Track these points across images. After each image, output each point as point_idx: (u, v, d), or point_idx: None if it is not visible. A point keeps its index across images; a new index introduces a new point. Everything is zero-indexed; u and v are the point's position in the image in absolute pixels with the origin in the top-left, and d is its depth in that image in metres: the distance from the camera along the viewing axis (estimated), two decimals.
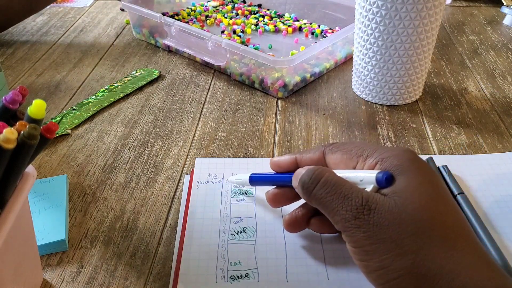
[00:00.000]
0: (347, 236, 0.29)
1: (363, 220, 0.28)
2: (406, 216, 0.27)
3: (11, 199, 0.27)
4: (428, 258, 0.26)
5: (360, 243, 0.28)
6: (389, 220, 0.27)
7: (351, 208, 0.29)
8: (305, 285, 0.34)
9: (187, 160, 0.48)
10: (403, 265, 0.27)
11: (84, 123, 0.54)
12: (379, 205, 0.28)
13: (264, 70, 0.58)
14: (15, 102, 0.27)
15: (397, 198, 0.28)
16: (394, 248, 0.27)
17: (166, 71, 0.65)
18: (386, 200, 0.28)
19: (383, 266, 0.27)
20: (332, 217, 0.30)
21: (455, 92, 0.59)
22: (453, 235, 0.27)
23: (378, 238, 0.27)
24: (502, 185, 0.43)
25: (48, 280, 0.35)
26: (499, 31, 0.76)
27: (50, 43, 0.74)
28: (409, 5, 0.49)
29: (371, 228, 0.28)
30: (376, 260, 0.28)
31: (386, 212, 0.28)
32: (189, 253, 0.37)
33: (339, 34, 0.61)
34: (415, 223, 0.27)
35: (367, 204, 0.28)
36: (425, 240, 0.27)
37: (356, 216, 0.28)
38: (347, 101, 0.58)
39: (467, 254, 0.27)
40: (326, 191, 0.30)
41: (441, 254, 0.26)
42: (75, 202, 0.43)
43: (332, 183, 0.30)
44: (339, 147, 0.34)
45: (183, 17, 0.78)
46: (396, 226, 0.27)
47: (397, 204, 0.28)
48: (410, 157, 0.30)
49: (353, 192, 0.29)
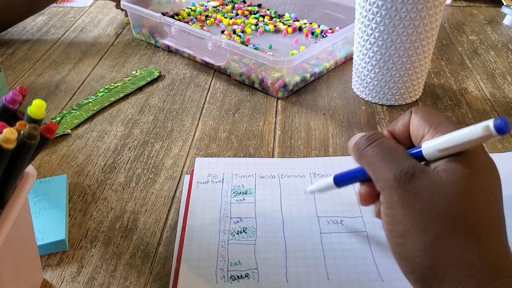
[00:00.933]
0: (384, 195, 0.29)
1: (402, 183, 0.28)
2: (444, 196, 0.27)
3: (11, 199, 0.27)
4: (448, 243, 0.26)
5: (393, 205, 0.28)
6: (427, 193, 0.27)
7: (396, 170, 0.28)
8: (305, 285, 0.34)
9: (187, 160, 0.48)
10: (421, 241, 0.27)
11: (84, 123, 0.54)
12: (424, 175, 0.28)
13: (264, 70, 0.58)
14: (15, 102, 0.27)
15: (446, 176, 0.28)
16: (420, 222, 0.27)
17: (166, 71, 0.65)
18: (433, 174, 0.28)
19: (404, 236, 0.27)
20: (376, 175, 0.30)
21: (455, 92, 0.59)
22: (480, 229, 0.27)
23: (409, 206, 0.27)
24: (502, 185, 0.43)
25: (48, 280, 0.35)
26: (499, 31, 0.76)
27: (50, 43, 0.74)
28: (409, 5, 0.49)
29: (407, 194, 0.28)
30: (400, 228, 0.28)
31: (427, 184, 0.28)
32: (189, 253, 0.37)
33: (339, 34, 0.61)
34: (449, 206, 0.27)
35: (413, 170, 0.28)
36: (452, 224, 0.27)
37: (398, 178, 0.28)
38: (347, 101, 0.58)
39: (488, 249, 0.26)
40: (377, 151, 0.30)
41: (462, 243, 0.26)
42: (75, 202, 0.43)
43: (386, 145, 0.30)
44: (422, 111, 0.32)
45: (183, 17, 0.78)
46: (431, 202, 0.27)
47: (442, 181, 0.28)
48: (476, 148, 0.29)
49: (404, 158, 0.29)
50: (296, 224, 0.39)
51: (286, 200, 0.42)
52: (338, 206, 0.41)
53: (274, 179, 0.44)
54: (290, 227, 0.39)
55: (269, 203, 0.42)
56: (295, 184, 0.44)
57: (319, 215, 0.40)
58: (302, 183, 0.44)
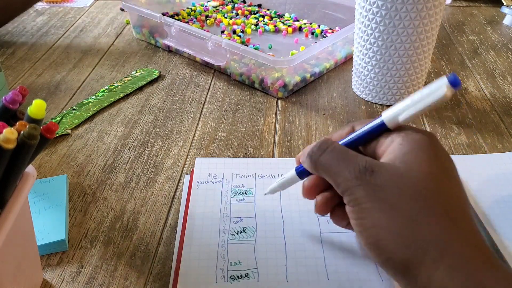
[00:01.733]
0: (347, 195, 0.29)
1: (364, 180, 0.28)
2: (408, 182, 0.28)
3: (11, 199, 0.27)
4: (424, 225, 0.26)
5: (359, 200, 0.29)
6: (391, 183, 0.28)
7: (354, 169, 0.29)
8: (305, 285, 0.34)
9: (187, 160, 0.48)
10: (396, 226, 0.27)
11: (84, 123, 0.54)
12: (382, 168, 0.28)
13: (264, 70, 0.58)
14: (15, 102, 0.27)
15: (403, 166, 0.28)
16: (389, 209, 0.27)
17: (166, 71, 0.65)
18: (390, 165, 0.29)
19: (376, 225, 0.28)
20: (335, 180, 0.30)
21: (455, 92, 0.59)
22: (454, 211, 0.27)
23: (376, 196, 0.28)
24: (502, 185, 0.43)
25: (48, 280, 0.35)
26: (499, 31, 0.76)
27: (50, 43, 0.74)
28: (409, 5, 0.49)
29: (371, 186, 0.28)
30: (371, 219, 0.28)
31: (388, 175, 0.28)
32: (189, 253, 0.37)
33: (339, 34, 0.61)
34: (416, 190, 0.27)
35: (370, 166, 0.29)
36: (424, 207, 0.27)
37: (358, 176, 0.29)
38: (347, 101, 0.58)
39: (467, 232, 0.27)
40: (331, 157, 0.31)
41: (440, 224, 0.26)
42: (75, 202, 0.43)
43: (338, 149, 0.31)
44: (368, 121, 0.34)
45: (183, 17, 0.78)
46: (396, 189, 0.28)
47: (400, 169, 0.28)
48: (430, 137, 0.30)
49: (358, 156, 0.30)
50: (296, 224, 0.39)
51: (286, 200, 0.42)
52: None
53: (274, 179, 0.44)
54: (290, 227, 0.39)
55: (269, 203, 0.42)
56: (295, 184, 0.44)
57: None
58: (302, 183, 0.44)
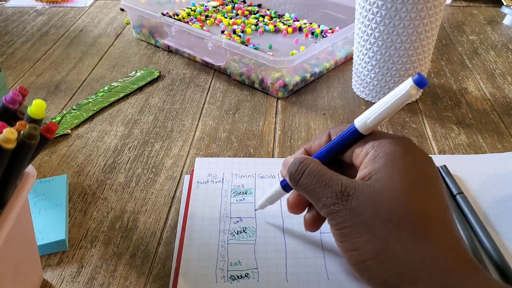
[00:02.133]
0: (329, 220, 0.31)
1: (341, 205, 0.29)
2: (381, 201, 0.28)
3: (11, 199, 0.27)
4: (397, 245, 0.27)
5: (339, 226, 0.30)
6: (365, 205, 0.28)
7: (331, 195, 0.30)
8: (305, 285, 0.34)
9: (187, 160, 0.48)
10: (373, 249, 0.28)
11: (84, 123, 0.54)
12: (357, 191, 0.29)
13: (264, 70, 0.58)
14: (15, 102, 0.27)
15: (377, 184, 0.29)
16: (366, 232, 0.28)
17: (166, 71, 0.65)
18: (365, 186, 0.29)
19: (355, 248, 0.29)
20: (316, 204, 0.31)
21: (455, 92, 0.59)
22: (426, 224, 0.27)
23: (353, 221, 0.29)
24: (502, 185, 0.43)
25: (48, 280, 0.35)
26: (499, 31, 0.76)
27: (50, 43, 0.74)
28: (409, 5, 0.49)
29: (348, 212, 0.29)
30: (350, 242, 0.29)
31: (363, 197, 0.29)
32: (189, 253, 0.37)
33: (339, 34, 0.61)
34: (389, 209, 0.28)
35: (346, 191, 0.29)
36: (396, 226, 0.27)
37: (335, 202, 0.30)
38: (347, 101, 0.58)
39: (438, 244, 0.27)
40: (310, 181, 0.31)
41: (411, 241, 0.27)
42: (75, 202, 0.43)
43: (315, 173, 0.31)
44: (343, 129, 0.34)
45: (183, 17, 0.78)
46: (371, 211, 0.28)
47: (375, 190, 0.29)
48: (404, 145, 0.30)
49: (334, 180, 0.30)
50: (296, 224, 0.39)
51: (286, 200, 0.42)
52: None
53: (274, 179, 0.44)
54: (290, 227, 0.39)
55: None
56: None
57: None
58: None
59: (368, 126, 0.31)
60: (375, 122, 0.31)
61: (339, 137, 0.33)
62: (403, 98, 0.29)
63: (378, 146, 0.30)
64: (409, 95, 0.29)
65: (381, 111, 0.30)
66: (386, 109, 0.30)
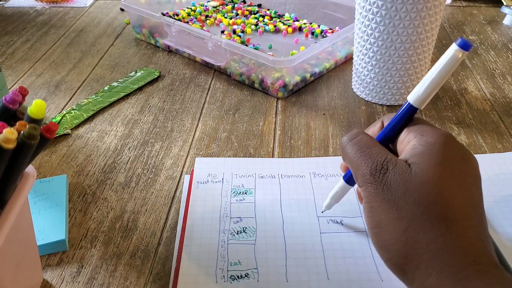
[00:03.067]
0: (362, 190, 0.31)
1: (376, 177, 0.29)
2: (414, 185, 0.28)
3: (11, 199, 0.27)
4: (420, 230, 0.27)
5: (369, 198, 0.30)
6: (398, 184, 0.28)
7: (371, 165, 0.30)
8: (305, 285, 0.34)
9: (187, 160, 0.48)
10: (396, 229, 0.28)
11: (84, 123, 0.54)
12: (396, 168, 0.29)
13: (264, 70, 0.58)
14: (15, 102, 0.27)
15: (416, 167, 0.29)
16: (393, 211, 0.28)
17: (166, 71, 0.65)
18: (404, 166, 0.29)
19: (380, 226, 0.29)
20: (355, 172, 0.31)
21: (455, 92, 0.59)
22: (451, 216, 0.27)
23: (383, 197, 0.29)
24: (502, 185, 0.43)
25: (48, 280, 0.35)
26: (499, 31, 0.76)
27: (50, 43, 0.74)
28: (409, 5, 0.49)
29: (380, 186, 0.29)
30: (376, 219, 0.29)
31: (398, 176, 0.29)
32: (189, 253, 0.37)
33: (339, 34, 0.61)
34: (419, 193, 0.28)
35: (386, 164, 0.30)
36: (423, 212, 0.27)
37: (373, 172, 0.30)
38: (347, 101, 0.58)
39: (458, 238, 0.27)
40: (356, 149, 0.32)
41: (433, 229, 0.27)
42: (75, 202, 0.43)
43: (363, 143, 0.32)
44: None
45: (183, 17, 0.78)
46: (403, 191, 0.28)
47: (412, 172, 0.29)
48: (446, 139, 0.30)
49: (379, 153, 0.31)
50: (296, 224, 0.39)
51: (286, 200, 0.42)
52: (338, 206, 0.40)
53: (274, 179, 0.44)
54: (290, 227, 0.39)
55: (269, 203, 0.42)
56: (295, 184, 0.44)
57: (319, 215, 0.40)
58: (302, 183, 0.44)
59: (422, 99, 0.31)
60: (428, 92, 0.31)
61: (396, 117, 0.33)
62: (451, 63, 0.29)
63: (421, 136, 0.31)
64: (457, 59, 0.29)
65: (432, 80, 0.30)
66: (436, 78, 0.30)
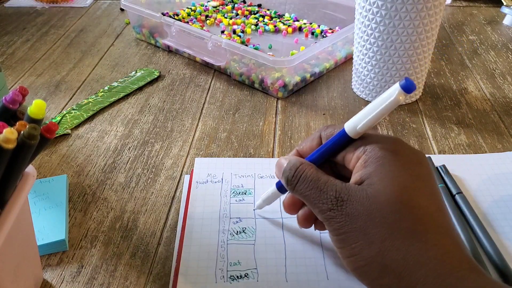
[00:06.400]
0: (327, 226, 0.31)
1: (336, 211, 0.29)
2: (375, 206, 0.28)
3: (11, 199, 0.27)
4: (393, 249, 0.27)
5: (336, 232, 0.30)
6: (359, 211, 0.28)
7: (326, 201, 0.30)
8: (304, 285, 0.34)
9: (187, 160, 0.48)
10: (370, 254, 0.28)
11: (84, 123, 0.54)
12: (351, 196, 0.29)
13: (264, 70, 0.58)
14: (15, 102, 0.27)
15: (370, 189, 0.29)
16: (362, 237, 0.28)
17: (166, 71, 0.65)
18: (358, 191, 0.29)
19: (353, 254, 0.29)
20: (313, 209, 0.31)
21: (455, 92, 0.59)
22: (421, 227, 0.27)
23: (349, 227, 0.29)
24: (502, 185, 0.43)
25: (48, 280, 0.36)
26: (499, 31, 0.76)
27: (50, 43, 0.74)
28: (409, 5, 0.49)
29: (343, 218, 0.29)
30: (348, 248, 0.29)
31: (357, 203, 0.29)
32: (188, 253, 0.37)
33: (339, 34, 0.61)
34: (383, 214, 0.28)
35: (340, 196, 0.29)
36: (391, 231, 0.27)
37: (331, 207, 0.30)
38: (347, 101, 0.58)
39: (433, 247, 0.27)
40: (306, 186, 0.31)
41: (405, 245, 0.27)
42: (75, 202, 0.43)
43: (310, 178, 0.31)
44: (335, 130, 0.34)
45: (183, 17, 0.78)
46: (366, 216, 0.28)
47: (368, 195, 0.29)
48: (394, 147, 0.30)
49: (328, 185, 0.30)
50: (295, 224, 0.39)
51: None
52: None
53: (274, 179, 0.44)
54: (290, 227, 0.39)
55: None
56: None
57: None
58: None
59: (358, 132, 0.31)
60: (365, 128, 0.31)
61: (330, 141, 0.33)
62: (391, 104, 0.29)
63: (369, 150, 0.30)
64: (397, 101, 0.29)
65: (370, 118, 0.30)
66: (375, 116, 0.30)
